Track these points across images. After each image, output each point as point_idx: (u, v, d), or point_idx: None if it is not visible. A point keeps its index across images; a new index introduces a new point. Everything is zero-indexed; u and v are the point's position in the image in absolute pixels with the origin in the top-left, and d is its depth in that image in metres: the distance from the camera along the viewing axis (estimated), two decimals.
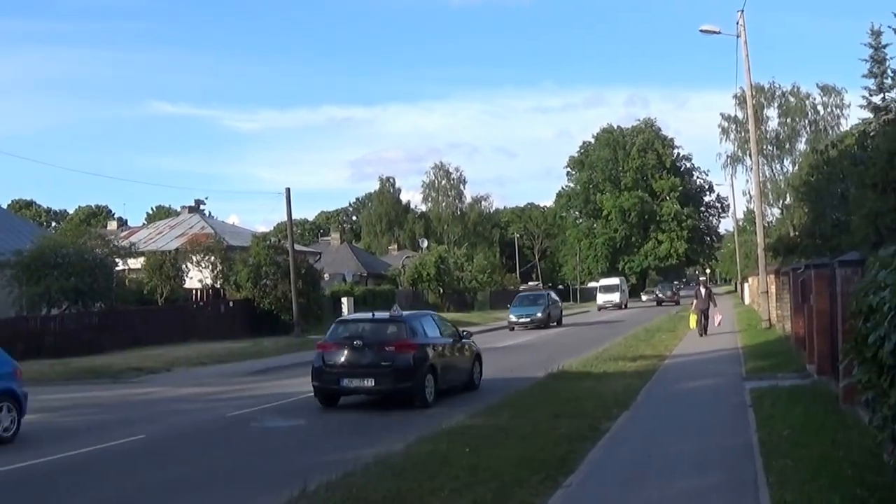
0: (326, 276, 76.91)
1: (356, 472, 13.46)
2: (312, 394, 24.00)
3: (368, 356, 23.18)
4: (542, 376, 26.17)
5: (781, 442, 14.07)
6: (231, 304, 59.39)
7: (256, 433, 20.10)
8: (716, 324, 45.13)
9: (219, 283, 62.29)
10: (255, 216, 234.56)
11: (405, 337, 23.53)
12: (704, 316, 43.90)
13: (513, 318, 64.75)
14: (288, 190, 57.62)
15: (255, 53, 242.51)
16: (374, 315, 26.29)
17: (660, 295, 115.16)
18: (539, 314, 64.21)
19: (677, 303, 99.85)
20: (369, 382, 22.94)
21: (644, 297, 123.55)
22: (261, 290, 59.47)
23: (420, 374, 22.95)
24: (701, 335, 42.26)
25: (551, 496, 11.87)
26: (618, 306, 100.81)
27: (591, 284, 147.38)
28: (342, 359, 23.34)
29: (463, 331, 27.85)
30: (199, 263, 61.62)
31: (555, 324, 66.51)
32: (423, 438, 16.22)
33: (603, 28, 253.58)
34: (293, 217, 61.67)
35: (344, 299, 69.51)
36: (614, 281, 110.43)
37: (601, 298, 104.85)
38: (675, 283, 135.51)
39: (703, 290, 44.90)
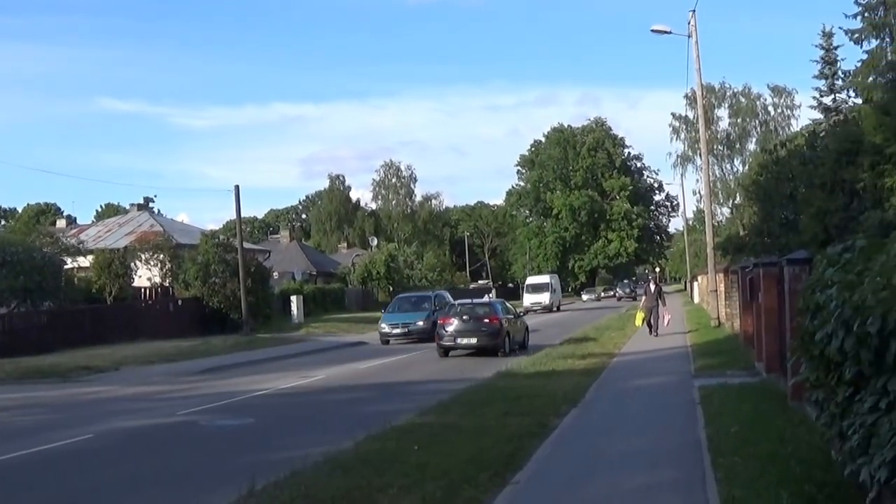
0: (276, 274, 76.69)
1: (305, 471, 13.38)
2: (263, 391, 26.49)
3: (472, 325, 37.04)
4: (491, 375, 26.17)
5: (730, 439, 14.10)
6: (180, 302, 59.27)
7: (205, 432, 19.98)
8: (664, 323, 43.61)
9: (168, 281, 62.09)
10: (205, 214, 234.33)
11: (493, 314, 37.75)
12: (653, 314, 42.55)
13: (385, 327, 48.10)
14: (237, 187, 57.48)
15: (205, 50, 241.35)
16: (473, 301, 43.53)
17: (620, 292, 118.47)
18: (421, 323, 46.88)
19: (634, 298, 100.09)
20: (473, 340, 36.68)
21: (585, 297, 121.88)
22: (210, 288, 59.34)
23: (502, 336, 36.59)
24: (652, 334, 41.30)
25: (500, 493, 11.87)
26: (548, 309, 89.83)
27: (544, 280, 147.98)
28: (455, 327, 37.02)
29: (519, 311, 45.46)
30: (147, 262, 61.53)
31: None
32: (372, 436, 16.16)
33: (555, 26, 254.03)
34: (243, 215, 61.45)
35: (293, 298, 69.51)
36: (543, 279, 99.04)
37: (528, 300, 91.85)
38: (626, 281, 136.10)
39: (651, 287, 44.04)
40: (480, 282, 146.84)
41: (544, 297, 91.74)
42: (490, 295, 79.81)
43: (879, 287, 7.87)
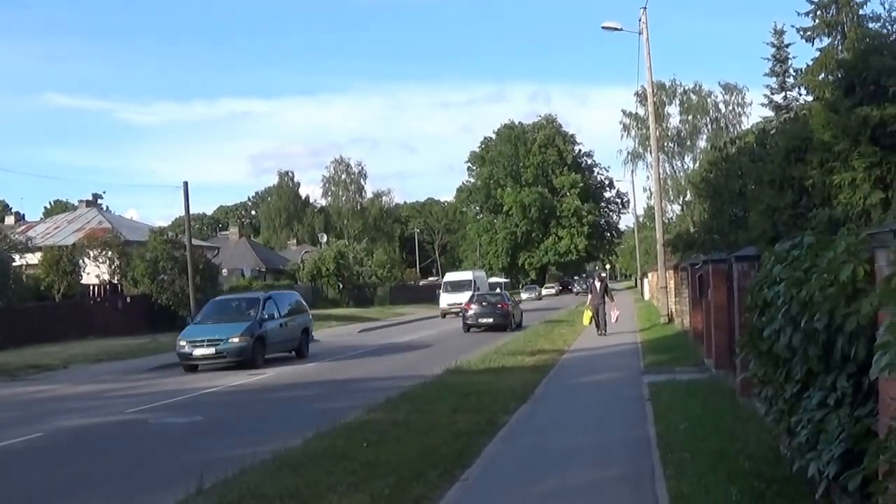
0: (225, 271, 76.42)
1: (253, 469, 13.32)
2: (212, 389, 26.37)
3: (489, 309, 51.74)
4: (440, 372, 26.11)
5: (679, 435, 14.12)
6: (129, 299, 58.87)
7: (154, 430, 19.79)
8: (613, 320, 41.84)
9: (116, 278, 61.70)
10: (154, 211, 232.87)
11: (503, 301, 53.65)
12: (600, 313, 40.95)
13: (183, 346, 33.77)
14: (185, 184, 56.92)
15: (152, 45, 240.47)
16: (487, 293, 61.24)
17: (577, 288, 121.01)
18: (237, 339, 33.46)
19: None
20: (490, 320, 50.81)
21: (524, 296, 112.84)
22: (158, 285, 59.07)
23: (509, 317, 51.24)
24: (600, 333, 39.84)
25: (448, 490, 11.83)
26: None
27: (492, 280, 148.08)
28: (475, 311, 51.70)
29: (514, 300, 60.78)
30: (96, 258, 61.04)
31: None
32: (320, 434, 16.08)
33: (506, 23, 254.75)
34: (192, 211, 61.21)
35: None
36: (464, 276, 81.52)
37: (446, 300, 74.72)
38: (583, 275, 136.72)
39: (597, 285, 42.50)
40: (431, 278, 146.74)
41: (465, 298, 65.47)
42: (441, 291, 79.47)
43: (827, 283, 7.87)
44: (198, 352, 33.19)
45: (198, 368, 33.32)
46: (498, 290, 69.17)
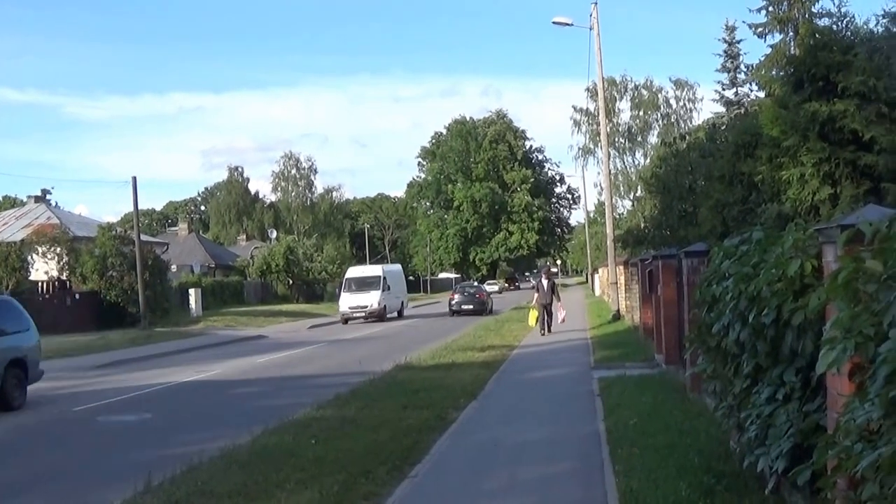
0: (174, 267, 76.10)
1: (201, 466, 13.28)
2: (161, 386, 26.71)
3: (469, 298, 64.57)
4: (390, 368, 26.05)
5: (629, 430, 14.17)
6: (77, 296, 58.40)
7: (102, 428, 19.70)
8: (559, 321, 39.72)
9: (65, 275, 61.14)
10: (103, 206, 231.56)
11: (481, 292, 67.94)
12: (547, 312, 38.80)
13: None
14: (134, 179, 56.70)
15: (100, 38, 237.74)
16: (470, 284, 75.70)
17: (534, 282, 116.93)
18: None
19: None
20: (471, 306, 62.82)
21: (457, 295, 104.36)
22: (107, 282, 58.70)
23: (486, 304, 64.53)
24: (543, 334, 37.75)
25: (397, 487, 11.79)
26: (376, 316, 59.57)
27: (442, 275, 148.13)
28: (459, 298, 64.62)
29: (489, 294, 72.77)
30: (44, 255, 60.58)
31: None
32: (269, 431, 16.03)
33: (458, 18, 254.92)
34: (141, 207, 60.87)
35: (191, 291, 69.03)
36: (371, 271, 66.27)
37: (347, 302, 60.77)
38: (527, 273, 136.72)
39: (545, 282, 39.52)
40: None
41: (371, 299, 59.95)
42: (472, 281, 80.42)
43: (775, 279, 7.89)
44: None
45: None
46: (477, 285, 77.88)
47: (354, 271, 66.74)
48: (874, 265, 5.19)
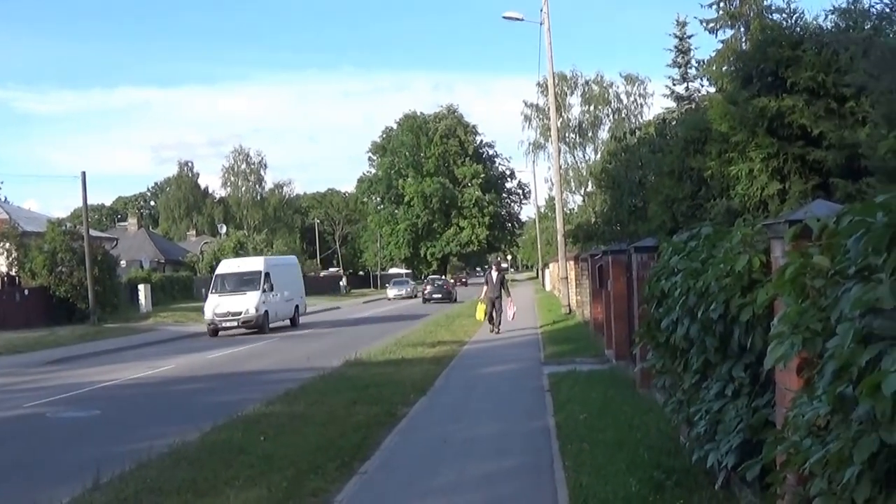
0: (123, 262, 75.54)
1: (151, 463, 13.22)
2: (110, 382, 26.67)
3: (438, 289, 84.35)
4: (339, 364, 25.97)
5: (578, 426, 14.17)
6: (26, 292, 57.97)
7: (51, 424, 19.62)
8: (509, 317, 37.82)
9: (14, 270, 60.69)
10: (53, 201, 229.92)
11: (447, 284, 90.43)
12: (496, 307, 37.02)
13: None
14: (83, 174, 56.45)
15: (48, 32, 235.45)
16: (438, 278, 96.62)
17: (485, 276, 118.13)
18: None
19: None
20: (439, 295, 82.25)
21: (392, 293, 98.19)
22: (56, 277, 58.34)
23: (452, 293, 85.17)
24: (493, 331, 36.22)
25: (347, 483, 11.75)
26: (254, 326, 46.45)
27: (393, 270, 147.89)
28: (431, 289, 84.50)
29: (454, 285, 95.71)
30: None
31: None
32: (218, 427, 15.94)
33: (408, 13, 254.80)
34: (90, 202, 60.55)
35: (141, 286, 68.72)
36: (249, 266, 50.21)
37: (213, 307, 46.72)
38: (478, 269, 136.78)
39: (494, 275, 37.84)
40: (331, 269, 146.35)
41: (247, 304, 46.46)
42: (342, 282, 79.55)
43: (723, 274, 7.91)
44: None
45: None
46: (441, 277, 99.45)
47: (227, 265, 51.53)
48: (821, 261, 5.20)
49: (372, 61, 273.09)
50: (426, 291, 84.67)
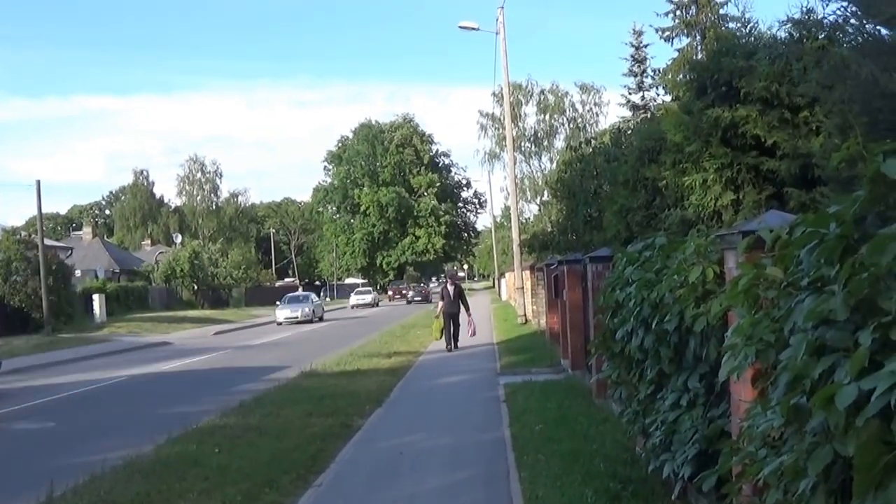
0: (78, 272, 75.23)
1: (104, 475, 13.14)
2: (64, 394, 26.53)
3: (417, 293, 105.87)
4: (294, 375, 25.89)
5: (534, 437, 14.17)
6: None
7: (3, 436, 19.49)
8: (469, 333, 34.40)
9: None
10: (7, 210, 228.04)
11: (425, 288, 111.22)
12: (454, 322, 33.66)
13: None
14: (38, 182, 56.25)
15: (1, 41, 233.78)
16: (418, 284, 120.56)
17: (412, 293, 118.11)
18: None
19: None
20: (419, 298, 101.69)
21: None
22: (11, 287, 58.13)
23: (428, 296, 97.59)
24: (449, 349, 32.88)
25: (302, 496, 11.72)
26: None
27: (349, 280, 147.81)
28: (412, 293, 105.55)
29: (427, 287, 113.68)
30: None
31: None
32: (172, 439, 15.85)
33: (362, 22, 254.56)
34: (45, 211, 60.22)
35: (95, 296, 68.40)
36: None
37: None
38: (434, 279, 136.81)
39: (451, 288, 34.32)
40: (287, 280, 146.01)
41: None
42: (301, 291, 78.58)
43: (677, 285, 7.93)
44: None
45: None
46: (301, 291, 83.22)
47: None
48: (774, 272, 5.22)
49: (327, 70, 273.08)
50: (409, 295, 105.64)
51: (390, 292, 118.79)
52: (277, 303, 71.41)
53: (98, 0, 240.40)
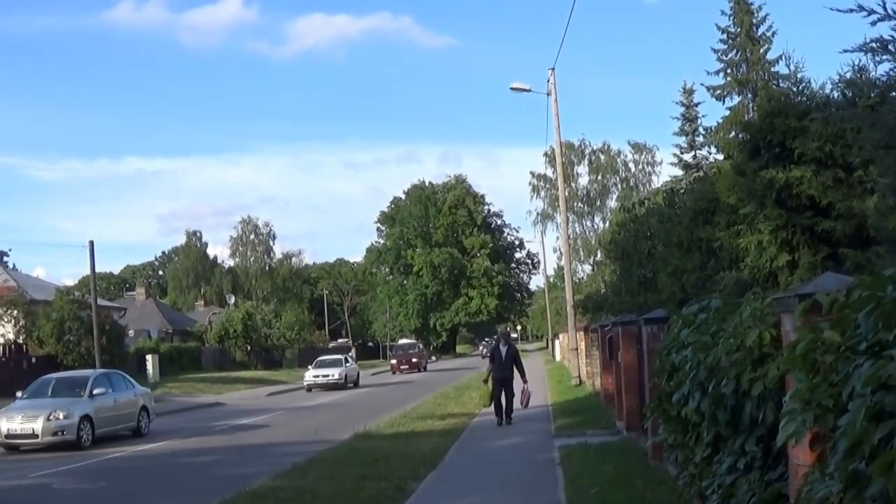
0: (131, 332, 75.67)
1: None
2: (118, 454, 26.43)
3: (411, 355, 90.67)
4: (348, 437, 25.87)
5: (590, 500, 14.05)
6: (34, 360, 57.84)
7: (57, 496, 19.50)
8: (521, 403, 30.11)
9: (21, 338, 60.81)
10: (61, 269, 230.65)
11: (416, 351, 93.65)
12: (506, 390, 28.76)
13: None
14: (91, 242, 56.36)
15: (55, 101, 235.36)
16: (408, 345, 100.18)
17: (486, 350, 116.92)
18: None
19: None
20: (415, 360, 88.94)
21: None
22: (64, 346, 58.47)
23: (423, 361, 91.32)
24: (500, 423, 28.21)
25: None
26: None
27: (402, 341, 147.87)
28: (403, 354, 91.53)
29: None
30: (1, 318, 60.09)
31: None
32: (225, 501, 15.84)
33: (413, 85, 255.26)
34: (98, 271, 60.63)
35: (149, 356, 68.64)
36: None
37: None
38: (486, 339, 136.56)
39: (503, 350, 29.67)
40: (340, 340, 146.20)
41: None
42: (350, 354, 76.58)
43: (733, 348, 7.86)
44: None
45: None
46: (417, 347, 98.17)
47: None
48: (832, 335, 5.18)
49: (377, 132, 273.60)
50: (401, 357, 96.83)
51: (394, 361, 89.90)
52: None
53: (147, 64, 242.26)
